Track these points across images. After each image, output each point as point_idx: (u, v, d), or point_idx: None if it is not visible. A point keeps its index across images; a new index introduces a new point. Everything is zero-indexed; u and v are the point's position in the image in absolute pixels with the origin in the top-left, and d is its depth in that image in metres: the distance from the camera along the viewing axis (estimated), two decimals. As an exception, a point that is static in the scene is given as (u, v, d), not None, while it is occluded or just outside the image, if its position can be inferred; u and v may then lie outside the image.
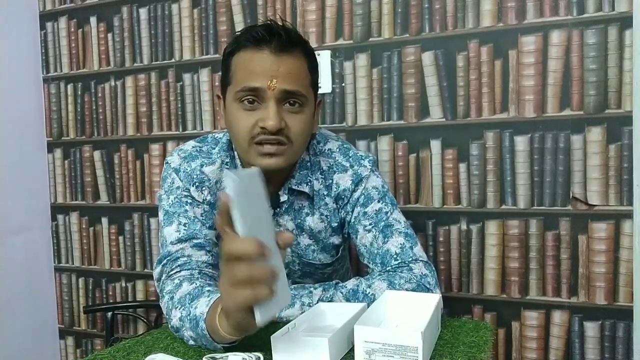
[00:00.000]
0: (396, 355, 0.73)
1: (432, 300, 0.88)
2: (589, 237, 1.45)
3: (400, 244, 1.02)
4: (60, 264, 2.15)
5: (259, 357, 0.81)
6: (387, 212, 1.05)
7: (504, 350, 1.55)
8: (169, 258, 1.01)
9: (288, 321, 0.90)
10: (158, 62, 1.91)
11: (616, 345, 1.45)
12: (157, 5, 1.89)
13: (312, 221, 1.10)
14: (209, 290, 0.92)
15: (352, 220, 1.08)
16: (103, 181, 2.04)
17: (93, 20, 2.00)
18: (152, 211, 1.96)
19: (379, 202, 1.06)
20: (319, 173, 1.09)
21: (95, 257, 2.08)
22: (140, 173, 1.97)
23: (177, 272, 0.99)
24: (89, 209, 2.08)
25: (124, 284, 2.04)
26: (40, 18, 2.09)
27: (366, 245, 1.05)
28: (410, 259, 1.01)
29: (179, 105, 1.89)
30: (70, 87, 2.07)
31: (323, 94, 1.67)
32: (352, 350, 0.80)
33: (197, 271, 0.99)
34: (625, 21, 1.38)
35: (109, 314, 1.88)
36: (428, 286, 0.99)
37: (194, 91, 1.86)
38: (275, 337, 0.78)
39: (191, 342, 0.90)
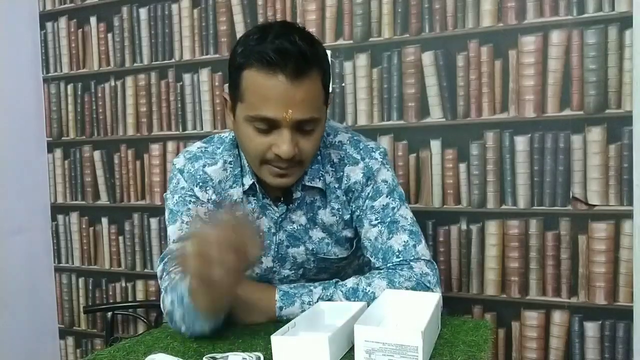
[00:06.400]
0: (396, 355, 0.73)
1: (432, 299, 0.88)
2: (589, 237, 1.45)
3: (404, 241, 1.03)
4: (60, 264, 2.15)
5: (259, 357, 0.81)
6: (394, 208, 1.06)
7: (504, 351, 1.55)
8: (170, 256, 1.02)
9: (288, 320, 0.90)
10: (158, 62, 1.91)
11: (616, 345, 1.45)
12: (157, 5, 1.89)
13: (325, 215, 1.09)
14: None
15: (360, 213, 1.08)
16: (103, 181, 2.04)
17: (93, 20, 2.00)
18: (152, 211, 1.96)
19: (387, 196, 1.06)
20: (329, 166, 1.08)
21: (95, 257, 2.08)
22: (140, 173, 1.97)
23: (175, 267, 0.99)
24: (89, 209, 2.08)
25: (124, 284, 2.04)
26: (40, 18, 2.09)
27: (370, 240, 1.05)
28: (412, 257, 1.01)
29: (179, 105, 1.89)
30: (70, 87, 2.07)
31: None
32: (352, 349, 0.80)
33: None
34: (625, 21, 1.38)
35: (109, 314, 1.88)
36: (428, 285, 0.99)
37: (194, 91, 1.86)
38: (276, 336, 0.78)
39: (183, 328, 0.92)
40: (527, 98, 1.47)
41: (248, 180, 1.06)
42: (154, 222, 1.96)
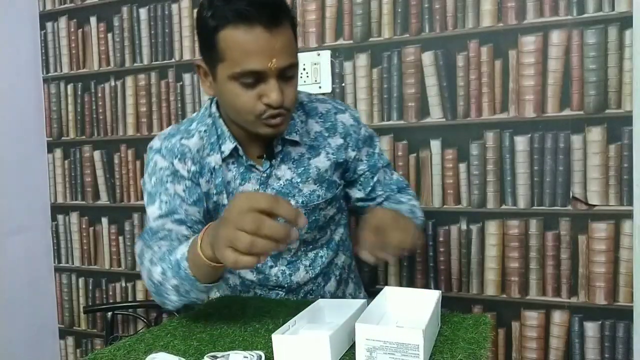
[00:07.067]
0: (397, 353, 0.73)
1: (432, 297, 0.88)
2: (589, 237, 1.45)
3: (398, 175, 1.27)
4: (60, 264, 2.15)
5: (260, 356, 0.81)
6: (381, 154, 1.23)
7: (504, 351, 1.55)
8: (149, 233, 1.02)
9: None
10: (158, 62, 1.91)
11: (616, 345, 1.45)
12: (157, 5, 1.89)
13: (319, 162, 1.13)
14: (187, 238, 0.95)
15: (365, 159, 1.20)
16: (103, 181, 2.04)
17: (93, 20, 2.00)
18: (152, 211, 1.96)
19: (377, 144, 1.23)
20: (317, 117, 1.15)
21: (95, 257, 2.08)
22: (140, 173, 1.97)
23: (156, 242, 0.99)
24: (89, 209, 2.08)
25: (124, 284, 2.04)
26: (40, 18, 2.09)
27: (380, 180, 1.21)
28: (406, 185, 1.27)
29: (179, 105, 1.89)
30: (70, 87, 2.07)
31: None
32: (352, 347, 0.80)
33: (177, 242, 0.97)
34: (625, 21, 1.38)
35: (109, 314, 1.88)
36: (417, 199, 1.27)
37: (194, 91, 1.86)
38: (277, 335, 0.78)
39: (173, 298, 0.92)
40: (527, 98, 1.48)
41: (229, 146, 1.08)
42: (154, 222, 1.96)
